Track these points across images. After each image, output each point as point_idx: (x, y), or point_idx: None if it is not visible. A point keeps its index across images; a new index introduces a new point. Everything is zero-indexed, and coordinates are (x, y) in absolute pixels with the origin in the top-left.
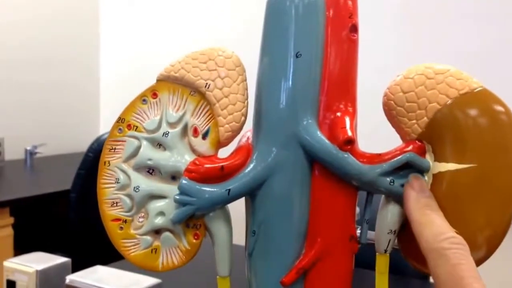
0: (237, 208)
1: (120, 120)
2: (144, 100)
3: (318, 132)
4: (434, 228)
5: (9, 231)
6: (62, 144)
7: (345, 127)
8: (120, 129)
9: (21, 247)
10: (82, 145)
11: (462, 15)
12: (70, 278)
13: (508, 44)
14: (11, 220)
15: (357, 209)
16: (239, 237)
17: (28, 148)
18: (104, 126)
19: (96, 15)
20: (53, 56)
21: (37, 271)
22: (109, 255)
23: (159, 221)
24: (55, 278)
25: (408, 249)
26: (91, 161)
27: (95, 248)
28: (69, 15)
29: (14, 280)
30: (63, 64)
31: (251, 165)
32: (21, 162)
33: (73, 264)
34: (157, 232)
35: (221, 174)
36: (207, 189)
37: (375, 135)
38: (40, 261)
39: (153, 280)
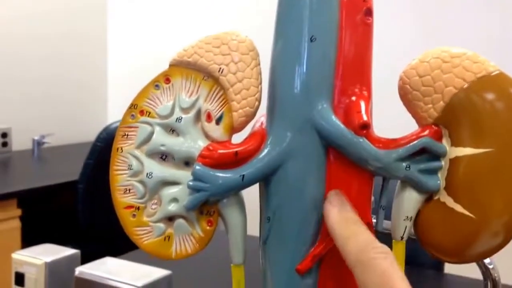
0: (250, 199)
1: (133, 106)
2: (156, 86)
3: (333, 117)
4: (358, 240)
5: (17, 223)
6: (69, 134)
7: (360, 112)
8: (132, 115)
9: (28, 239)
10: (90, 135)
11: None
12: (80, 270)
13: None
14: (18, 212)
15: (372, 198)
16: (252, 227)
17: (36, 138)
18: (112, 116)
19: (103, 10)
20: (61, 50)
21: (46, 263)
22: (117, 246)
23: (172, 207)
24: (64, 270)
25: (425, 237)
26: (99, 151)
27: (104, 239)
28: (77, 10)
29: (23, 272)
30: (71, 57)
31: (266, 151)
32: (28, 153)
33: (81, 255)
34: (170, 219)
35: (235, 160)
36: (221, 174)
37: (388, 124)
38: (49, 253)
39: (164, 272)
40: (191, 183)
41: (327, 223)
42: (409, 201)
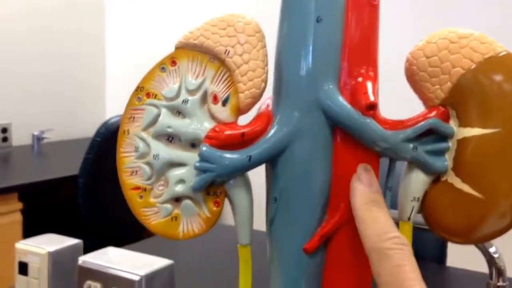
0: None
1: (139, 88)
2: (163, 68)
3: (340, 97)
4: (378, 226)
5: (18, 216)
6: (68, 129)
7: (367, 92)
8: (139, 97)
9: (29, 232)
10: (88, 131)
11: None
12: (83, 259)
13: None
14: (19, 205)
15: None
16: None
17: (35, 133)
18: (110, 112)
19: (101, 8)
20: (61, 47)
21: (49, 252)
22: (118, 239)
23: (179, 188)
24: (67, 260)
25: (432, 217)
26: (98, 146)
27: (104, 232)
28: (76, 8)
29: (27, 261)
30: (70, 55)
31: (272, 132)
32: (28, 147)
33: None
34: (177, 200)
35: (242, 141)
36: (228, 155)
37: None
38: (52, 242)
39: (166, 261)
40: (197, 164)
41: (351, 200)
42: (416, 182)
